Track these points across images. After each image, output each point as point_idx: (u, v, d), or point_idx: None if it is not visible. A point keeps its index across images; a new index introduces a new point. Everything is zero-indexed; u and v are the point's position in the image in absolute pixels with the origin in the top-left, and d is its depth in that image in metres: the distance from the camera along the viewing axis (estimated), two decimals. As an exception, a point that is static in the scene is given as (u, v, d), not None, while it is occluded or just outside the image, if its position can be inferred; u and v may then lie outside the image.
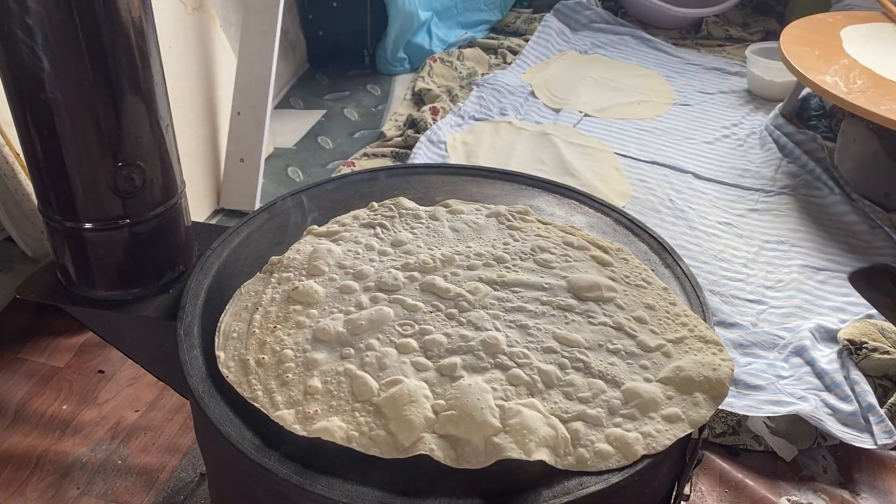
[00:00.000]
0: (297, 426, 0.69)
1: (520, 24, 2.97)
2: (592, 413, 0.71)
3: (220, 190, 1.91)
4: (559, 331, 0.79)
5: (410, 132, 2.18)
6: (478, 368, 0.75)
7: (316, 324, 0.79)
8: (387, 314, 0.80)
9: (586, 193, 1.07)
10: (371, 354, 0.76)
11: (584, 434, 0.69)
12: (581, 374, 0.75)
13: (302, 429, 0.69)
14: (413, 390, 0.71)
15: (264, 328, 0.79)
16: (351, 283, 0.85)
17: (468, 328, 0.79)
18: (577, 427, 0.70)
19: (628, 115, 2.35)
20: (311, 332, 0.79)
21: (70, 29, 0.74)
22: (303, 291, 0.83)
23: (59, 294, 0.93)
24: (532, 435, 0.67)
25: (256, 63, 1.85)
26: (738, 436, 1.31)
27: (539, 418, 0.69)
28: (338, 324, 0.79)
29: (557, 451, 0.68)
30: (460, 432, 0.68)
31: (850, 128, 1.96)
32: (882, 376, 1.39)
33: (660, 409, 0.72)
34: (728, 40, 2.96)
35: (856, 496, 1.23)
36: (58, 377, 1.41)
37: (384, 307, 0.81)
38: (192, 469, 1.24)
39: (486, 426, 0.68)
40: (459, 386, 0.72)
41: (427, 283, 0.85)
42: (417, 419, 0.69)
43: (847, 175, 1.94)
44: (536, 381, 0.74)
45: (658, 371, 0.76)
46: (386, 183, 1.09)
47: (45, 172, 0.84)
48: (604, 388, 0.74)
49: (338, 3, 2.58)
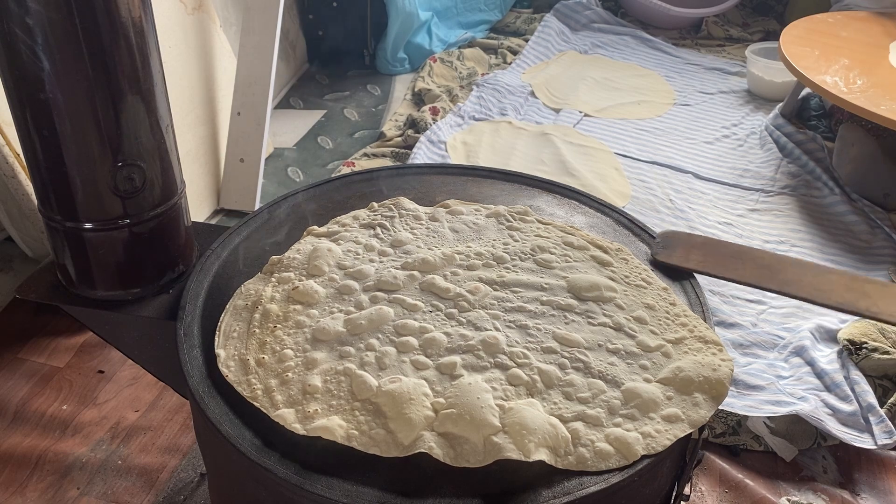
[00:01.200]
0: (297, 425, 0.69)
1: (520, 24, 2.97)
2: (592, 413, 0.71)
3: (220, 190, 1.91)
4: (559, 331, 0.79)
5: (410, 132, 2.18)
6: (477, 368, 0.75)
7: (316, 323, 0.79)
8: (387, 314, 0.80)
9: (586, 193, 1.07)
10: (371, 354, 0.76)
11: (585, 434, 0.69)
12: (581, 374, 0.75)
13: (302, 428, 0.69)
14: (412, 388, 0.71)
15: (264, 328, 0.79)
16: (351, 283, 0.85)
17: (468, 328, 0.79)
18: (576, 427, 0.70)
19: (628, 115, 2.35)
20: (311, 332, 0.79)
21: (70, 29, 0.74)
22: (303, 291, 0.83)
23: (59, 294, 0.93)
24: (531, 435, 0.67)
25: (256, 63, 1.85)
26: (738, 436, 1.31)
27: (539, 418, 0.69)
28: (338, 323, 0.79)
29: (557, 451, 0.68)
30: (459, 430, 0.68)
31: (848, 133, 1.96)
32: (882, 376, 1.39)
33: (659, 409, 0.72)
34: (728, 40, 2.96)
35: (856, 496, 1.24)
36: (58, 377, 1.41)
37: (384, 307, 0.81)
38: (192, 469, 1.24)
39: (485, 425, 0.68)
40: (459, 384, 0.72)
41: (427, 282, 0.85)
42: (417, 417, 0.69)
43: (846, 178, 1.94)
44: (536, 381, 0.74)
45: (658, 371, 0.76)
46: (386, 183, 1.09)
47: (45, 172, 0.84)
48: (604, 388, 0.74)
49: (338, 3, 2.58)
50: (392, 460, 0.68)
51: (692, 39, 2.96)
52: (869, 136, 1.89)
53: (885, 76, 1.91)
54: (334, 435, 0.68)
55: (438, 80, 2.53)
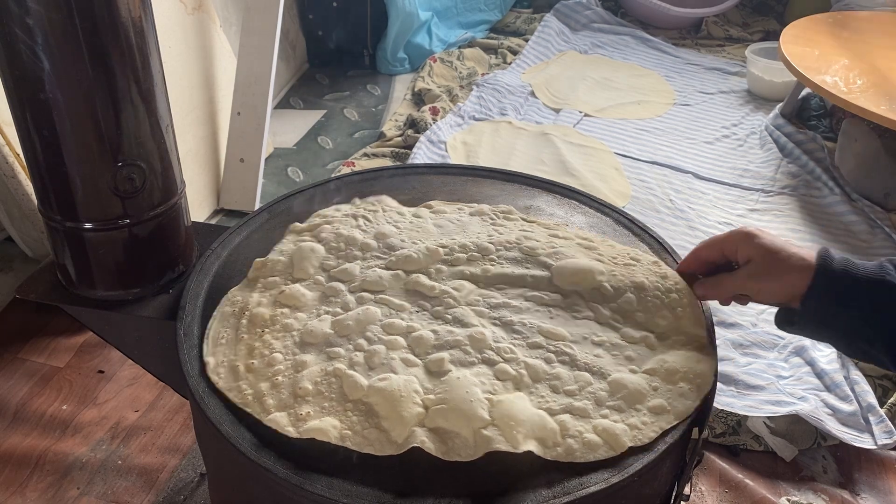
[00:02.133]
0: (290, 428, 0.69)
1: (520, 24, 2.97)
2: (579, 405, 0.71)
3: (220, 190, 1.91)
4: (544, 325, 0.79)
5: (410, 132, 2.18)
6: (465, 363, 0.75)
7: (303, 326, 0.79)
8: (373, 314, 0.80)
9: (586, 193, 1.07)
10: (360, 354, 0.76)
11: (573, 426, 0.70)
12: (567, 367, 0.75)
13: (295, 431, 0.69)
14: (403, 386, 0.71)
15: (252, 333, 0.79)
16: (336, 285, 0.85)
17: (454, 325, 0.79)
18: (564, 419, 0.70)
19: (628, 115, 2.35)
20: (300, 335, 0.78)
21: (70, 29, 0.74)
22: (289, 295, 0.83)
23: (59, 294, 0.93)
24: (520, 426, 0.68)
25: (256, 63, 1.85)
26: (738, 436, 1.31)
27: (527, 410, 0.69)
28: (325, 325, 0.79)
29: (545, 442, 0.68)
30: (449, 425, 0.68)
31: (851, 127, 1.96)
32: (882, 376, 1.39)
33: (646, 400, 0.72)
34: (728, 40, 2.96)
35: (856, 496, 1.24)
36: (58, 377, 1.41)
37: (371, 307, 0.81)
38: (192, 469, 1.24)
39: (474, 418, 0.68)
40: (448, 380, 0.72)
41: (412, 281, 0.84)
42: (409, 415, 0.69)
43: (847, 175, 1.94)
44: (523, 376, 0.74)
45: (643, 362, 0.76)
46: (386, 183, 1.08)
47: (45, 172, 0.84)
48: (590, 380, 0.74)
49: (338, 3, 2.58)
50: (390, 459, 0.68)
51: (692, 39, 2.96)
52: (872, 133, 1.89)
53: (885, 76, 1.91)
54: (328, 436, 0.68)
55: (438, 80, 2.53)
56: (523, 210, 1.00)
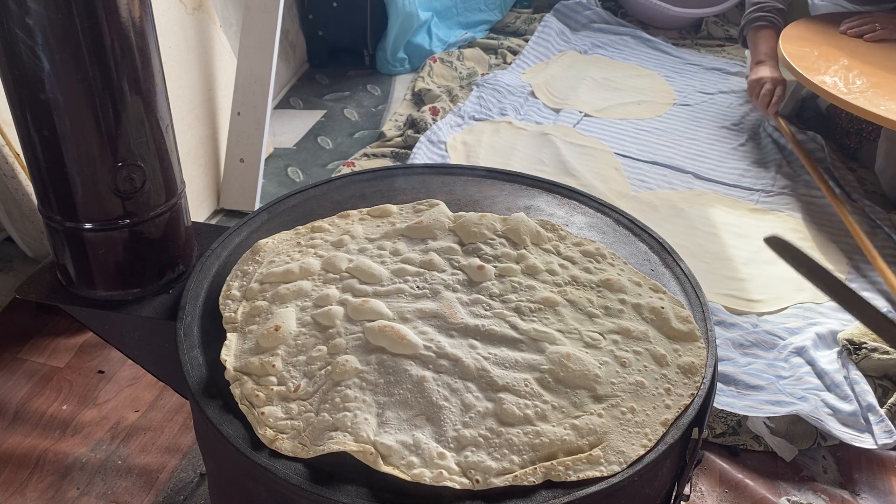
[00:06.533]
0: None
1: (520, 24, 2.97)
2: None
3: (220, 190, 1.91)
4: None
5: (410, 132, 2.18)
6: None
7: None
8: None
9: (586, 193, 1.07)
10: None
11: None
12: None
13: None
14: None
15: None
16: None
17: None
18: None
19: (628, 115, 2.35)
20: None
21: (70, 29, 0.74)
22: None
23: (59, 294, 0.93)
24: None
25: (256, 63, 1.85)
26: (738, 436, 1.31)
27: None
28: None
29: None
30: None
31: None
32: (882, 376, 1.39)
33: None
34: (728, 40, 2.95)
35: (856, 496, 1.24)
36: (58, 377, 1.41)
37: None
38: (192, 469, 1.24)
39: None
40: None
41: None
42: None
43: (886, 182, 1.92)
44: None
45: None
46: (386, 183, 1.09)
47: (45, 172, 0.84)
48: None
49: (338, 3, 2.58)
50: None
51: (692, 39, 2.96)
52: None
53: (885, 76, 1.91)
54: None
55: (438, 80, 2.53)
56: (523, 210, 1.00)
